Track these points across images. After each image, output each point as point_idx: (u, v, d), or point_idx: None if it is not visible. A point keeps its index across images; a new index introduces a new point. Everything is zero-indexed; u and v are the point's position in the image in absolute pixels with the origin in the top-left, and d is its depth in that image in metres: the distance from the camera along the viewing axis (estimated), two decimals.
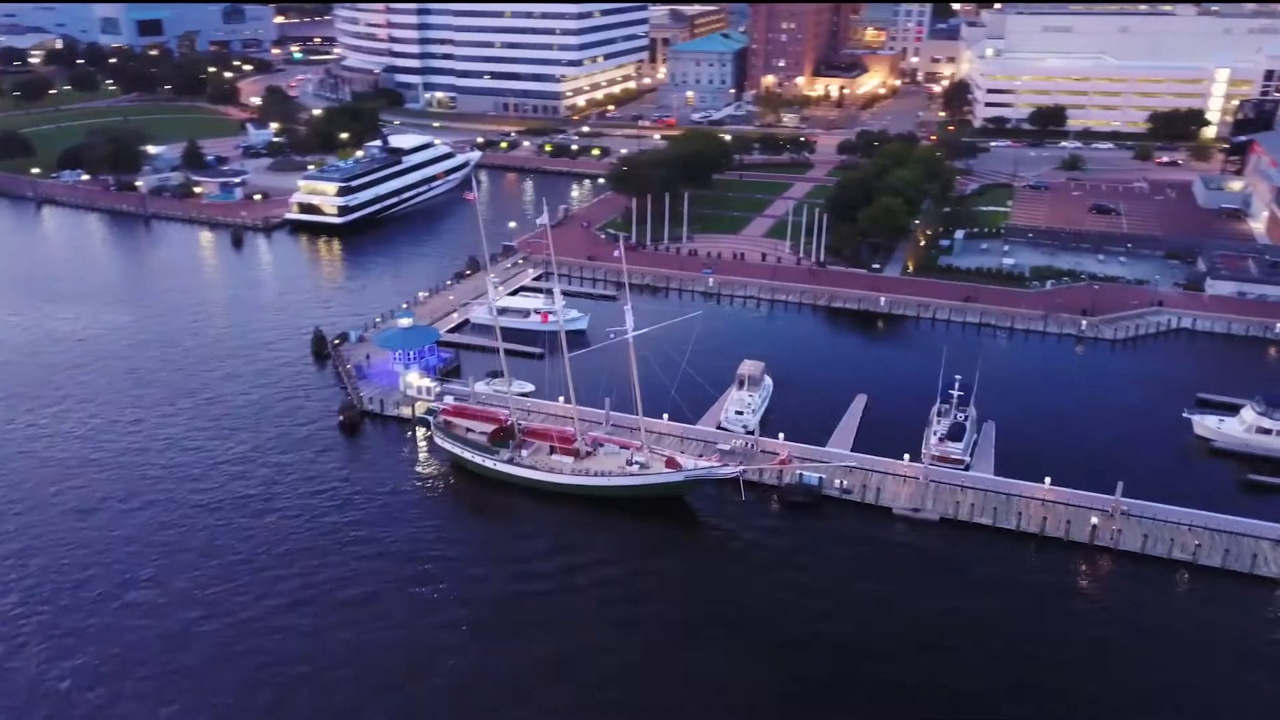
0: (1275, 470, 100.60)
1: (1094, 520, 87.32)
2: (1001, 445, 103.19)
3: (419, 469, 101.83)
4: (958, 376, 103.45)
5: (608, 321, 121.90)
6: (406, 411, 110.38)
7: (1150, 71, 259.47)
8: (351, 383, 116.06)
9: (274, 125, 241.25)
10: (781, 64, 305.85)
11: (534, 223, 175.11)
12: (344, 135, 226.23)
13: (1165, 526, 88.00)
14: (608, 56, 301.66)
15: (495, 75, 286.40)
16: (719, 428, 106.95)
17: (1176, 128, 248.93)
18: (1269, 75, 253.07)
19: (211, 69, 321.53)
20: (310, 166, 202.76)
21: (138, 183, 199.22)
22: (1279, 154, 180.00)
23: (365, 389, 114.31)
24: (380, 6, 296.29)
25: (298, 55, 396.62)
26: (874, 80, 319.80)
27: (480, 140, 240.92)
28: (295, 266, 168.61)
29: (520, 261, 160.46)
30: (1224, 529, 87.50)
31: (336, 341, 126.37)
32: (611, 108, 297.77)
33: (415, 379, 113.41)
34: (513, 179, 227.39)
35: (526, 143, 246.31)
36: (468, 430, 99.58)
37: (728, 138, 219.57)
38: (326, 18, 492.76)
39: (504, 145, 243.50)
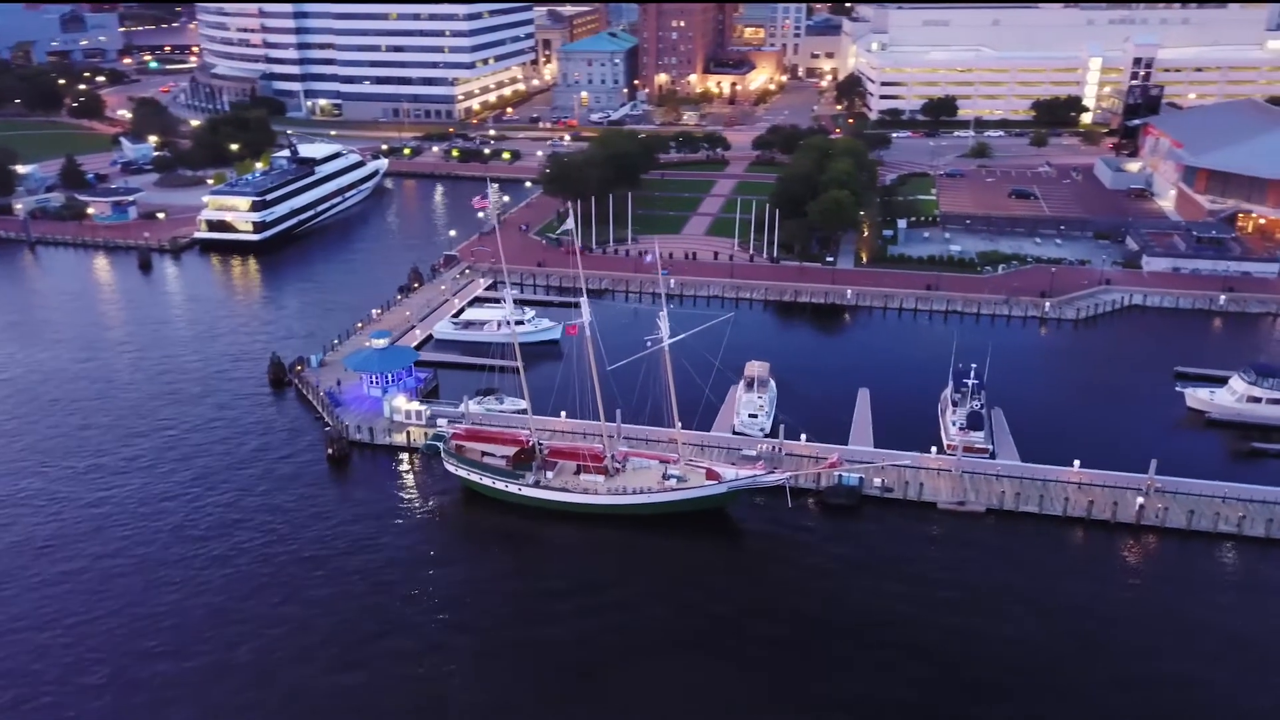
0: (1265, 436, 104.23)
1: (1140, 501, 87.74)
2: (1013, 430, 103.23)
3: (428, 501, 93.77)
4: (974, 365, 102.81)
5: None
6: (399, 439, 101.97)
7: (1029, 61, 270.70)
8: (328, 411, 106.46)
9: (152, 139, 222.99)
10: (673, 62, 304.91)
11: (472, 230, 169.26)
12: (234, 147, 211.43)
13: (1201, 500, 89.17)
14: (498, 58, 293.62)
15: (383, 80, 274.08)
16: (734, 432, 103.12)
17: (1058, 114, 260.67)
18: (1137, 62, 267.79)
19: (61, 81, 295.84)
20: (210, 181, 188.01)
21: (17, 206, 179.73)
22: (1177, 134, 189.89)
23: (346, 417, 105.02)
24: (252, 10, 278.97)
25: (153, 64, 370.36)
26: (762, 76, 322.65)
27: (384, 147, 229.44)
28: (215, 289, 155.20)
29: (467, 271, 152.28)
30: (1258, 499, 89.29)
31: (298, 367, 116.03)
32: (510, 110, 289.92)
33: (403, 403, 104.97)
34: (413, 186, 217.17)
35: (436, 148, 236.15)
36: (484, 454, 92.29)
37: (642, 136, 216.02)
38: (175, 25, 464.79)
39: (408, 152, 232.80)
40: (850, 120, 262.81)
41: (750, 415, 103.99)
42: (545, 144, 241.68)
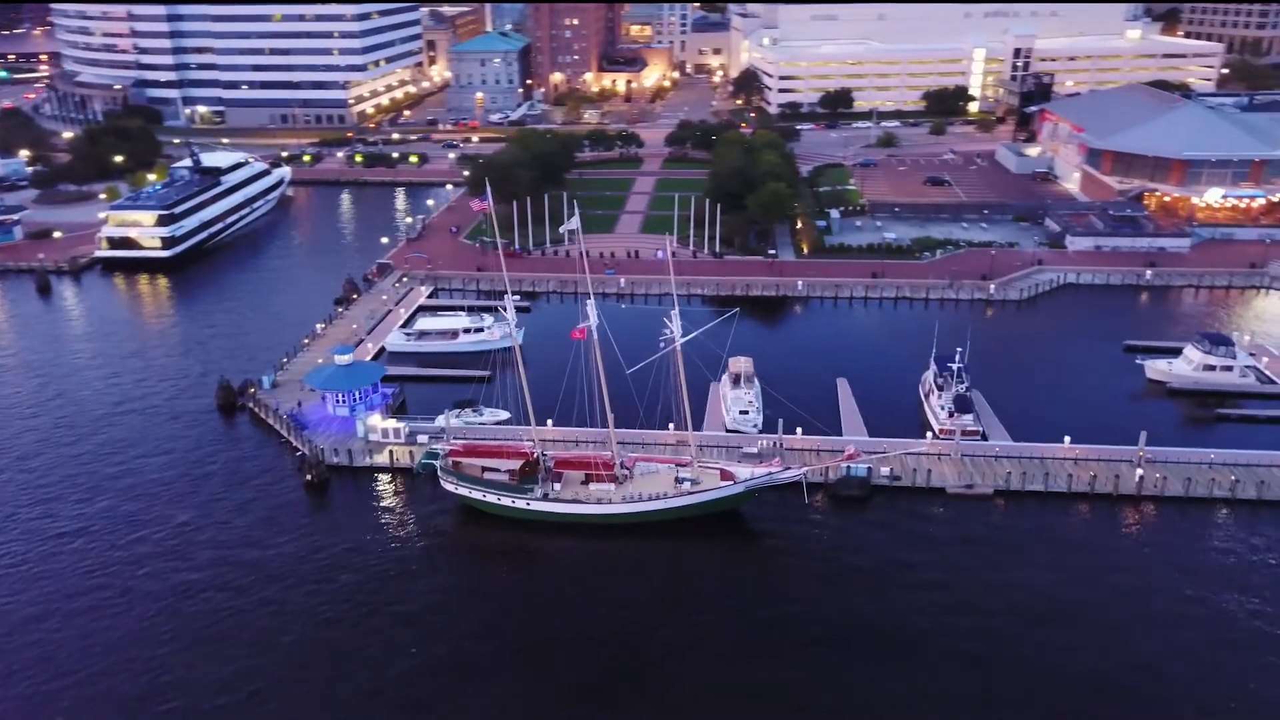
0: (1222, 402, 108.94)
1: (1139, 472, 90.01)
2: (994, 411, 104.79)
3: (423, 524, 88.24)
4: (959, 349, 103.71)
5: (530, 332, 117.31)
6: (380, 459, 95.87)
7: (916, 54, 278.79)
8: (295, 435, 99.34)
9: (24, 153, 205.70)
10: (568, 60, 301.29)
11: (397, 237, 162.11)
12: (118, 159, 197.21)
13: (1191, 468, 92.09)
14: (389, 60, 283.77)
15: (269, 85, 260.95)
16: (727, 430, 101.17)
17: (947, 104, 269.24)
18: (1017, 53, 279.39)
19: None
20: (102, 196, 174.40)
21: None
22: (1075, 119, 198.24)
23: (319, 440, 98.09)
24: (120, 13, 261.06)
25: (3, 74, 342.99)
26: (655, 74, 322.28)
27: (284, 154, 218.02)
28: (130, 311, 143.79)
29: (404, 279, 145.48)
30: (1242, 462, 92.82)
31: (250, 389, 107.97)
32: (407, 113, 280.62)
33: (378, 421, 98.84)
34: (317, 194, 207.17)
35: (341, 154, 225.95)
36: (484, 470, 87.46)
37: (550, 135, 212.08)
38: (18, 31, 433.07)
39: (307, 159, 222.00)
40: (753, 114, 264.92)
41: (741, 412, 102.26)
42: (451, 146, 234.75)
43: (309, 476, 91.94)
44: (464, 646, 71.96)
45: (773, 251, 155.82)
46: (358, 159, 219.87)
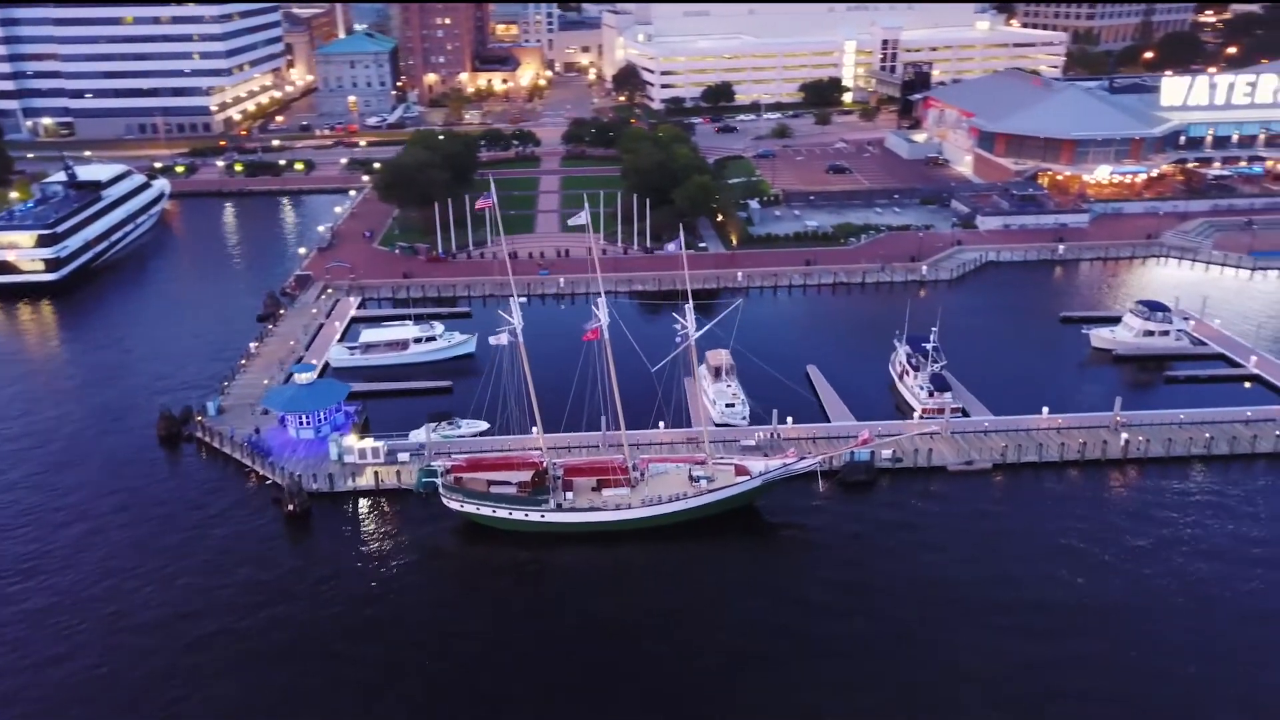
0: (1160, 365, 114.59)
1: (1124, 436, 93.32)
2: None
3: (423, 545, 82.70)
4: (933, 328, 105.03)
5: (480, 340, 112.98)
6: (364, 482, 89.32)
7: (790, 47, 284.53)
8: (261, 462, 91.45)
9: None
10: (441, 61, 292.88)
11: (309, 247, 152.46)
12: None
13: (1164, 429, 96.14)
14: (253, 64, 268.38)
15: (124, 93, 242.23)
16: (716, 425, 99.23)
17: (823, 95, 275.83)
18: (885, 44, 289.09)
19: None
20: None
21: None
22: (962, 105, 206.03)
23: (290, 466, 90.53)
24: None
25: None
26: (530, 72, 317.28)
27: (158, 165, 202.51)
28: (15, 343, 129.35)
29: (330, 291, 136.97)
30: (1209, 420, 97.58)
31: (197, 417, 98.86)
32: (280, 119, 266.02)
33: (354, 441, 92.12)
34: (197, 207, 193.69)
35: (220, 162, 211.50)
36: (490, 484, 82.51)
37: (441, 137, 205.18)
38: None
39: (181, 169, 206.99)
40: (639, 110, 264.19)
41: (728, 405, 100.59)
42: (334, 151, 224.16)
43: (290, 507, 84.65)
44: (506, 676, 67.45)
45: (703, 245, 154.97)
46: (238, 168, 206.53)
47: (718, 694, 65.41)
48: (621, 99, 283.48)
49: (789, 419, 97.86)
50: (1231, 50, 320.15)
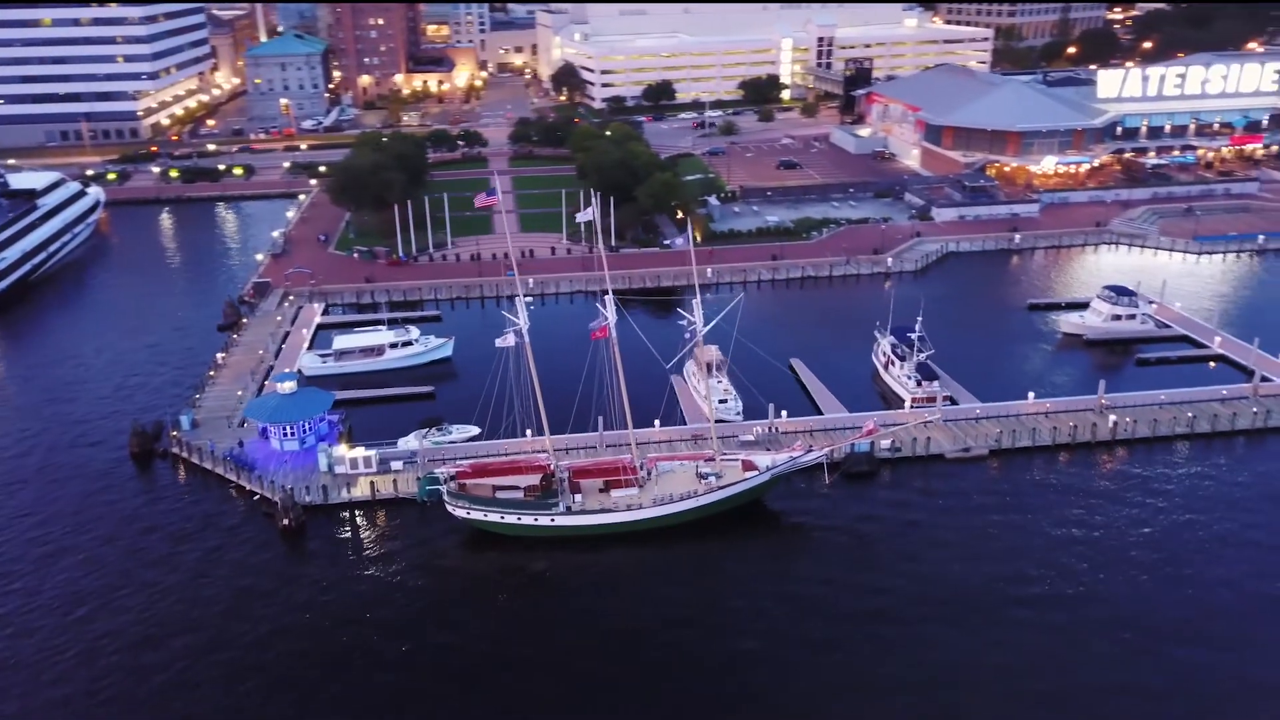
0: (1127, 348, 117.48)
1: (1112, 419, 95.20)
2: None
3: (428, 555, 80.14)
4: (919, 318, 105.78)
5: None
6: (359, 493, 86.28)
7: (728, 45, 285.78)
8: (247, 477, 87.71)
9: None
10: (375, 62, 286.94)
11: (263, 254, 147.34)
12: None
13: (1145, 410, 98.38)
14: (180, 66, 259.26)
15: (43, 98, 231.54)
16: (715, 421, 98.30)
17: (763, 92, 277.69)
18: (821, 41, 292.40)
19: None
20: None
21: None
22: (908, 100, 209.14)
23: (279, 479, 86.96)
24: None
25: None
26: (465, 73, 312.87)
27: (90, 173, 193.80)
28: None
29: (291, 298, 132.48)
30: (1186, 400, 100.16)
31: (173, 433, 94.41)
32: (211, 123, 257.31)
33: (345, 451, 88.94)
34: (133, 215, 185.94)
35: (156, 168, 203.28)
36: (495, 490, 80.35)
37: (385, 139, 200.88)
38: None
39: (113, 176, 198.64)
40: (581, 110, 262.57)
41: (720, 401, 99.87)
42: (274, 155, 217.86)
43: (285, 521, 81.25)
44: (526, 692, 65.64)
45: (668, 242, 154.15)
46: (173, 174, 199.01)
47: (745, 703, 64.32)
48: (562, 99, 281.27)
49: (783, 413, 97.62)
50: (1147, 45, 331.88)
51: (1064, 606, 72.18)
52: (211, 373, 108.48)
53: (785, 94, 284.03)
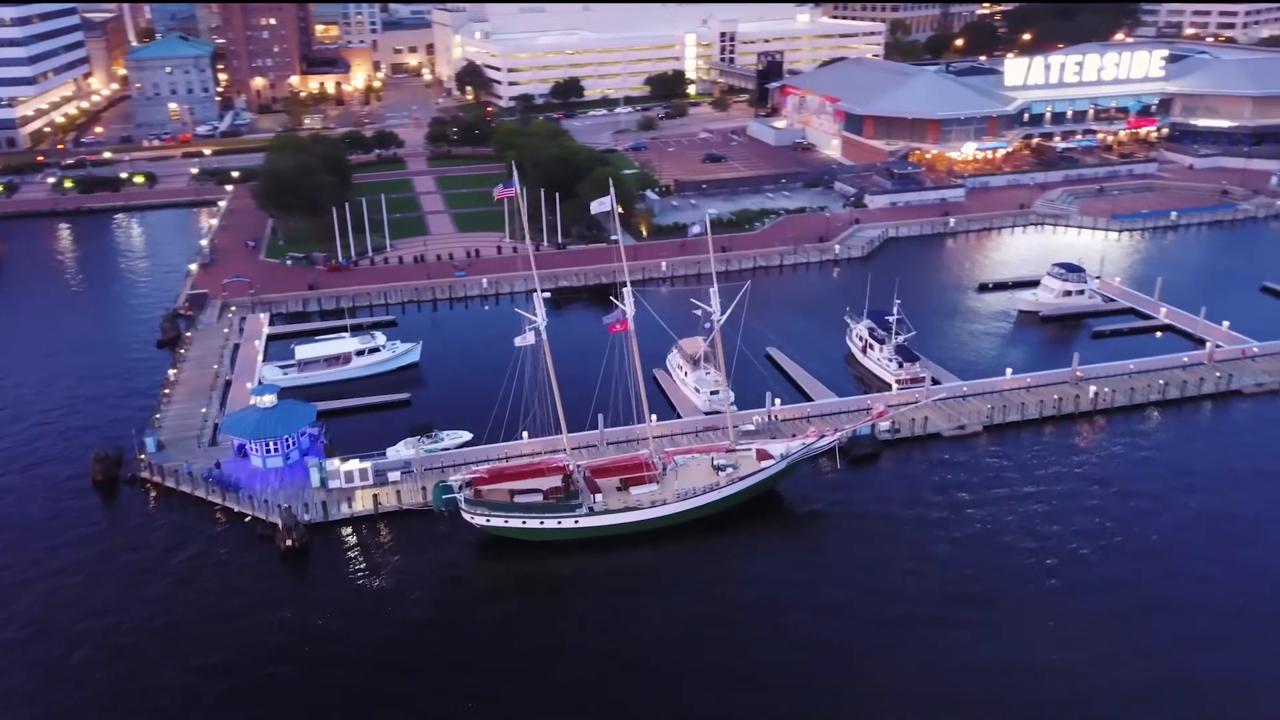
0: (1078, 323, 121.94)
1: (1093, 389, 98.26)
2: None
3: (444, 566, 76.75)
4: (898, 300, 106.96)
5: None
6: (361, 507, 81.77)
7: (633, 41, 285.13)
8: (235, 497, 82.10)
9: None
10: (268, 64, 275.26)
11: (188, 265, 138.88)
12: None
13: (1118, 380, 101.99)
14: (57, 71, 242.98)
15: None
16: (706, 413, 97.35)
17: (669, 88, 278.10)
18: (723, 36, 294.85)
19: None
20: None
21: None
22: (825, 91, 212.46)
23: (270, 497, 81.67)
24: None
25: None
26: (362, 74, 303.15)
27: None
28: None
29: (234, 309, 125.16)
30: (1153, 368, 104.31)
31: (141, 456, 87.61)
32: (98, 129, 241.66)
33: (339, 464, 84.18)
34: (22, 229, 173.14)
35: (51, 179, 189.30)
36: (513, 495, 77.27)
37: (302, 141, 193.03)
38: None
39: None
40: (489, 109, 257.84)
41: (712, 392, 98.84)
42: (176, 162, 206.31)
43: (289, 541, 76.28)
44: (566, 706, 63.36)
45: (614, 238, 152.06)
46: (68, 184, 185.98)
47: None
48: (468, 98, 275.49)
49: (777, 400, 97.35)
50: (1026, 37, 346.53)
51: (1095, 573, 74.01)
52: (166, 391, 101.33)
53: (691, 89, 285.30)
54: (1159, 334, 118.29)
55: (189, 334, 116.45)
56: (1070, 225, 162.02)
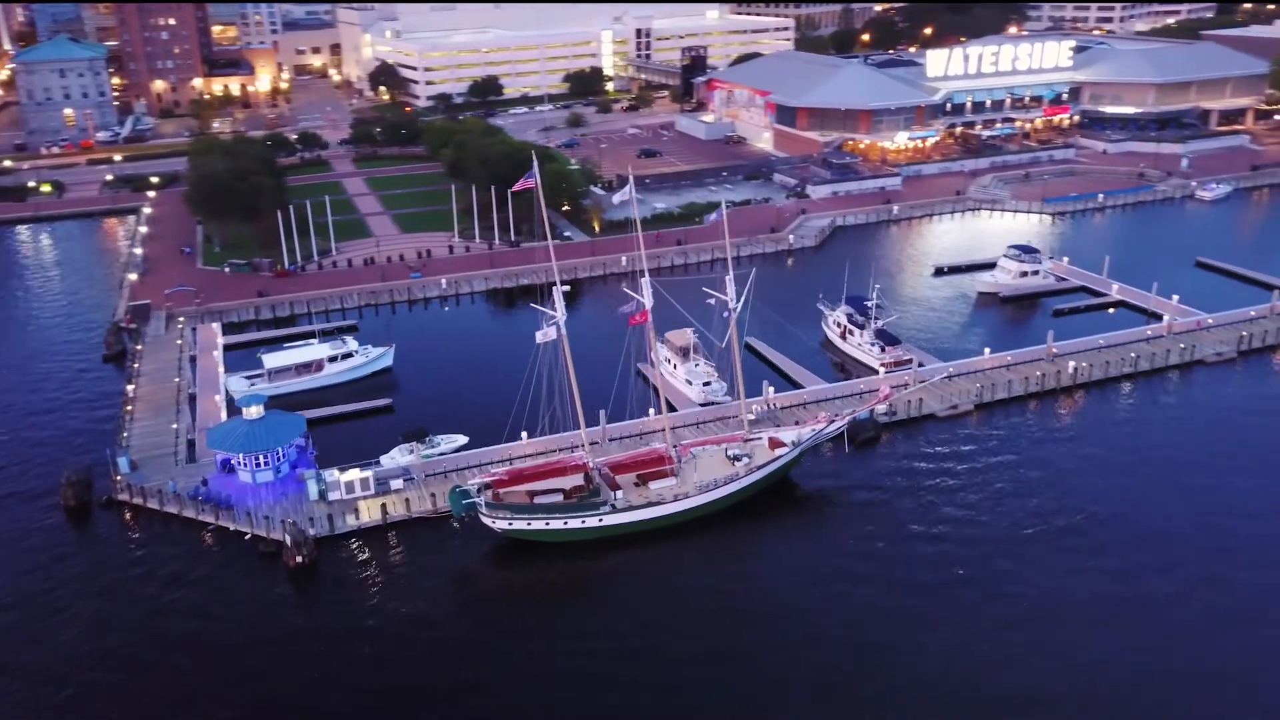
0: (1034, 302, 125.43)
1: (1072, 364, 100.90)
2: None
3: (465, 573, 74.26)
4: (877, 285, 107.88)
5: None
6: (369, 517, 78.01)
7: (551, 39, 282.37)
8: (231, 515, 77.34)
9: None
10: (170, 66, 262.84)
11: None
12: None
13: (1090, 354, 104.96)
14: None
15: None
16: (702, 405, 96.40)
17: (588, 85, 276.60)
18: (639, 33, 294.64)
19: None
20: None
21: None
22: (753, 85, 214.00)
23: (269, 513, 77.21)
24: None
25: None
26: (267, 76, 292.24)
27: None
28: None
29: (182, 320, 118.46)
30: (1118, 343, 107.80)
31: (118, 478, 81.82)
32: None
33: (339, 475, 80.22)
34: None
35: None
36: (532, 496, 74.81)
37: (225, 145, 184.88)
38: None
39: None
40: (408, 109, 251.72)
41: (705, 384, 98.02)
42: (81, 171, 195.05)
43: (299, 558, 72.21)
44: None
45: (567, 235, 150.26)
46: None
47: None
48: (384, 98, 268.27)
49: (770, 389, 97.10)
50: (928, 31, 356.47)
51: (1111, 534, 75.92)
52: (129, 408, 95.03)
53: (610, 85, 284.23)
54: (1112, 310, 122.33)
55: (139, 347, 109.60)
56: (1005, 210, 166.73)
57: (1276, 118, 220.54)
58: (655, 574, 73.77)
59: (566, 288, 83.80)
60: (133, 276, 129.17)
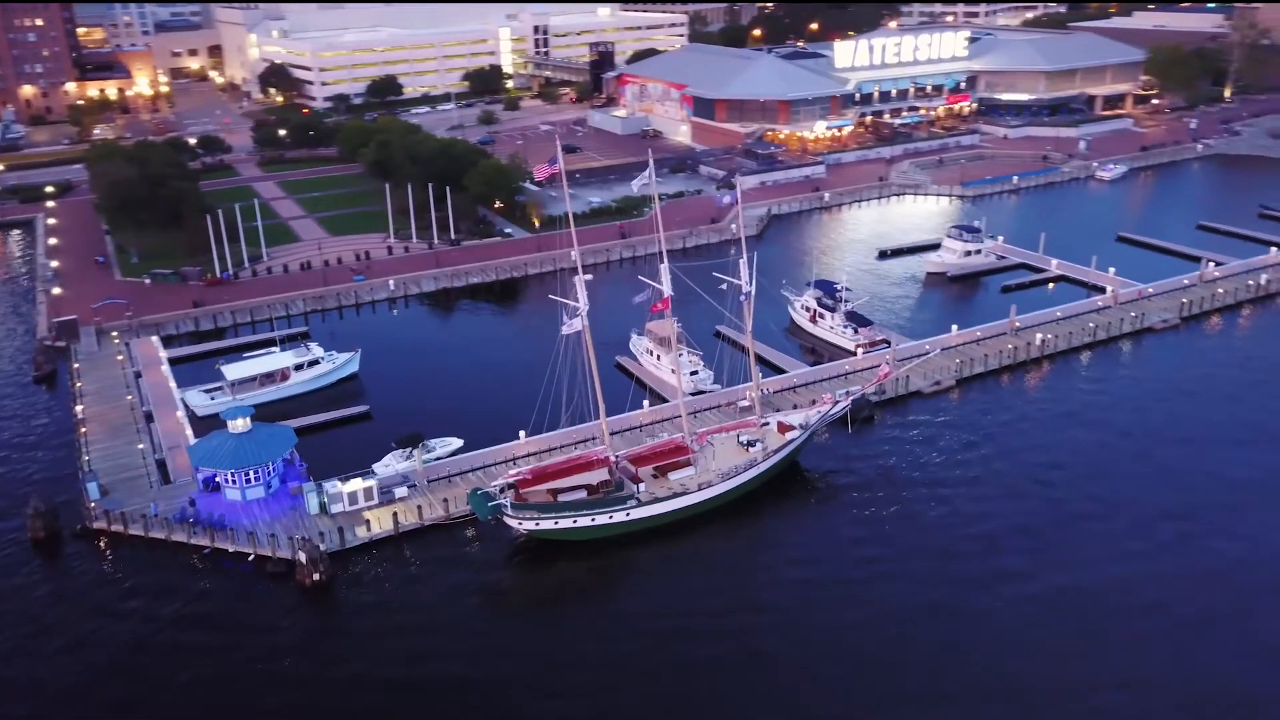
0: (978, 280, 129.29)
1: (1040, 336, 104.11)
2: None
3: (489, 579, 71.22)
4: (846, 274, 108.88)
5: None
6: (380, 527, 73.96)
7: (448, 37, 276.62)
8: (228, 535, 72.17)
9: None
10: (39, 70, 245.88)
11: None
12: None
13: (1052, 325, 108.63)
14: None
15: None
16: (692, 394, 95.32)
17: (488, 83, 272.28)
18: (537, 30, 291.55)
19: None
20: None
21: None
22: (667, 79, 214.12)
23: (273, 530, 72.31)
24: None
25: None
26: (145, 79, 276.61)
27: None
28: None
29: (115, 335, 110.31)
30: (1073, 315, 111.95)
31: (92, 504, 75.24)
32: None
33: (340, 486, 75.81)
34: None
35: None
36: (555, 494, 72.27)
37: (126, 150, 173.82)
38: None
39: None
40: (305, 110, 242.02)
41: (692, 373, 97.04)
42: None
43: (316, 576, 67.81)
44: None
45: (508, 231, 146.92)
46: None
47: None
48: (278, 99, 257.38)
49: (759, 373, 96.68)
50: (814, 26, 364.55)
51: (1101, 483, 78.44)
52: (83, 430, 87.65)
53: (510, 83, 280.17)
54: (1051, 286, 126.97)
55: (76, 365, 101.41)
56: (927, 194, 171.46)
57: (1154, 102, 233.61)
58: (676, 566, 72.17)
59: (589, 276, 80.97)
60: (56, 290, 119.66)
